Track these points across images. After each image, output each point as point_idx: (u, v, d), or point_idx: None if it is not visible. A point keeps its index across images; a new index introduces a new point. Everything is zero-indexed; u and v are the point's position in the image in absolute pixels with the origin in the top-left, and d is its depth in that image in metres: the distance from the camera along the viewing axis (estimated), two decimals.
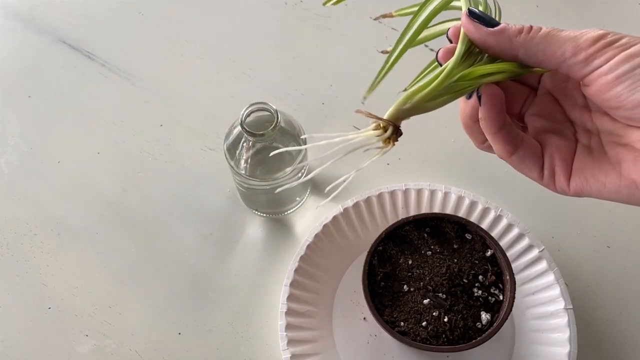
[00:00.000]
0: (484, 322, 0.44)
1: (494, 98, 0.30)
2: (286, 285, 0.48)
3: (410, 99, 0.30)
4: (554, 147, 0.31)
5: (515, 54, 0.29)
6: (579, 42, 0.27)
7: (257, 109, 0.46)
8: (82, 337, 0.50)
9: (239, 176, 0.48)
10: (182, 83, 0.62)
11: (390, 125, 0.31)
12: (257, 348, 0.49)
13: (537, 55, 0.28)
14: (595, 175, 0.29)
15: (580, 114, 0.31)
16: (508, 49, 0.29)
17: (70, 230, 0.54)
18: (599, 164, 0.30)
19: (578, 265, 0.52)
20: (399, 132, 0.32)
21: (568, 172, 0.31)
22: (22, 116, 0.60)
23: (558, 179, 0.31)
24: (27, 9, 0.67)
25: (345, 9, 0.66)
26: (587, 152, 0.31)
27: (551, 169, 0.31)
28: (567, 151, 0.31)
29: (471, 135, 0.34)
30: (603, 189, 0.29)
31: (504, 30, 0.29)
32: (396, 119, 0.31)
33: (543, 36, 0.28)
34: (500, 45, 0.29)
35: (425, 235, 0.47)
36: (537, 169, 0.31)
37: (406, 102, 0.31)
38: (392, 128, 0.31)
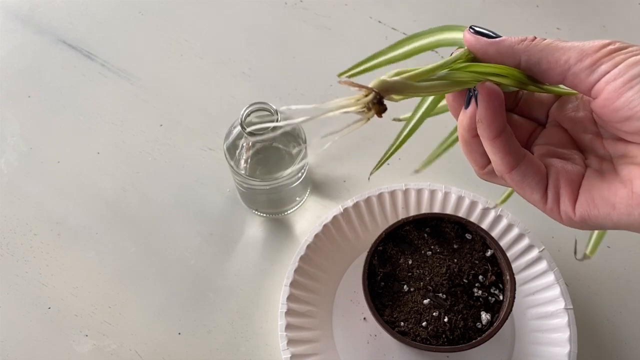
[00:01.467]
0: (484, 322, 0.44)
1: (492, 95, 0.28)
2: (286, 286, 0.48)
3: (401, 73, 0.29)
4: (560, 169, 0.29)
5: (517, 60, 0.28)
6: (584, 48, 0.26)
7: (257, 109, 0.46)
8: (81, 337, 0.50)
9: (239, 176, 0.48)
10: (182, 83, 0.62)
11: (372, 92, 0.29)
12: (257, 348, 0.49)
13: (540, 63, 0.27)
14: (604, 195, 0.27)
15: (592, 141, 0.29)
16: (510, 56, 0.28)
17: (70, 230, 0.54)
18: (608, 184, 0.27)
19: (578, 265, 0.52)
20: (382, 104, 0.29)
21: (574, 194, 0.28)
22: (21, 116, 0.60)
23: (563, 203, 0.29)
24: (27, 9, 0.67)
25: (345, 9, 0.66)
26: (596, 174, 0.28)
27: (556, 191, 0.29)
28: (574, 174, 0.29)
29: (470, 155, 0.31)
30: (612, 212, 0.27)
31: (505, 39, 0.28)
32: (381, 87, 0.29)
33: (547, 44, 0.27)
34: (501, 54, 0.28)
35: (426, 235, 0.47)
36: (541, 190, 0.29)
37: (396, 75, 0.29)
38: (374, 94, 0.29)
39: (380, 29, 0.64)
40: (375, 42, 0.64)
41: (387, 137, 0.58)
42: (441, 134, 0.58)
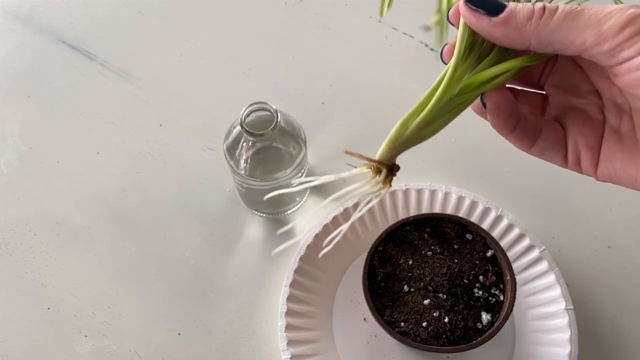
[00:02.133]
0: (485, 323, 0.43)
1: (501, 105, 0.27)
2: (286, 286, 0.48)
3: (402, 131, 0.27)
4: (578, 133, 0.27)
5: (526, 44, 0.25)
6: (602, 28, 0.22)
7: (257, 109, 0.46)
8: (81, 338, 0.50)
9: (239, 176, 0.48)
10: (182, 83, 0.62)
11: (383, 166, 0.27)
12: (257, 348, 0.49)
13: (552, 45, 0.24)
14: (626, 168, 0.26)
15: (609, 86, 0.27)
16: (518, 40, 0.25)
17: (69, 230, 0.54)
18: (629, 155, 0.26)
19: (579, 265, 0.52)
20: (395, 168, 0.28)
21: (595, 159, 0.27)
22: (21, 116, 0.60)
23: (584, 166, 0.28)
24: (27, 9, 0.67)
25: (345, 9, 0.66)
26: (616, 138, 0.27)
27: (576, 157, 0.28)
28: (593, 136, 0.27)
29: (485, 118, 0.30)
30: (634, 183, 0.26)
31: (510, 18, 0.24)
32: (389, 158, 0.28)
33: (559, 22, 0.23)
34: (508, 38, 0.25)
35: (426, 235, 0.47)
36: (561, 156, 0.28)
37: (399, 135, 0.27)
38: (386, 169, 0.28)
39: (380, 29, 0.64)
40: (375, 42, 0.64)
41: (386, 137, 0.58)
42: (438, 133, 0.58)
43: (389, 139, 0.27)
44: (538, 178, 0.56)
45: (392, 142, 0.27)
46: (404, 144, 0.27)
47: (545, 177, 0.56)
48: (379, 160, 0.27)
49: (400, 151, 0.28)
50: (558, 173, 0.56)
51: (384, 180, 0.28)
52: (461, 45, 0.26)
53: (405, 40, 0.64)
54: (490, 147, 0.57)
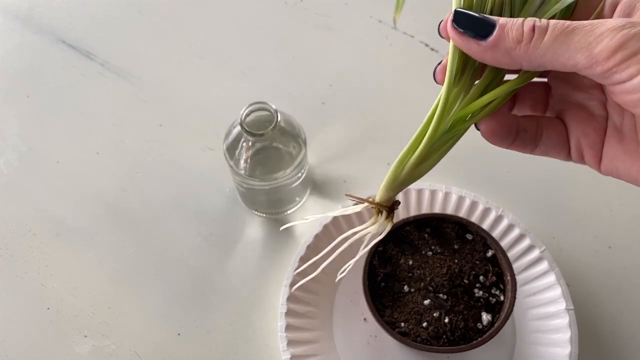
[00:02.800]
0: (485, 323, 0.43)
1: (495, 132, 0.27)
2: (286, 286, 0.48)
3: (399, 171, 0.28)
4: (580, 132, 0.27)
5: (517, 66, 0.25)
6: (593, 52, 0.22)
7: (257, 109, 0.46)
8: (81, 338, 0.50)
9: (239, 176, 0.48)
10: (182, 83, 0.62)
11: (383, 208, 0.29)
12: (257, 349, 0.49)
13: (544, 66, 0.24)
14: (628, 168, 0.26)
15: None
16: (508, 63, 0.24)
17: (69, 231, 0.54)
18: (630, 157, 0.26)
19: (579, 265, 0.52)
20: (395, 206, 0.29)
21: (598, 157, 0.27)
22: (21, 116, 0.60)
23: (588, 161, 0.28)
24: (27, 9, 0.67)
25: (345, 8, 0.66)
26: (618, 138, 0.27)
27: (579, 153, 0.28)
28: (595, 135, 0.27)
29: None
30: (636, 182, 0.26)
31: (498, 42, 0.24)
32: (388, 199, 0.29)
33: (549, 44, 0.23)
34: (498, 61, 0.25)
35: (426, 235, 0.47)
36: (564, 154, 0.28)
37: (396, 177, 0.28)
38: (386, 210, 0.29)
39: (380, 29, 0.64)
40: (375, 42, 0.64)
41: (386, 137, 0.58)
42: None
43: (387, 182, 0.28)
44: (538, 178, 0.56)
45: (390, 184, 0.28)
46: (401, 184, 0.28)
47: (546, 177, 0.56)
48: (379, 204, 0.29)
49: (398, 192, 0.29)
50: (559, 173, 0.56)
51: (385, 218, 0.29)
52: (452, 69, 0.26)
53: (405, 40, 0.63)
54: (490, 147, 0.57)
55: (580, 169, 0.56)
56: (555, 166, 0.57)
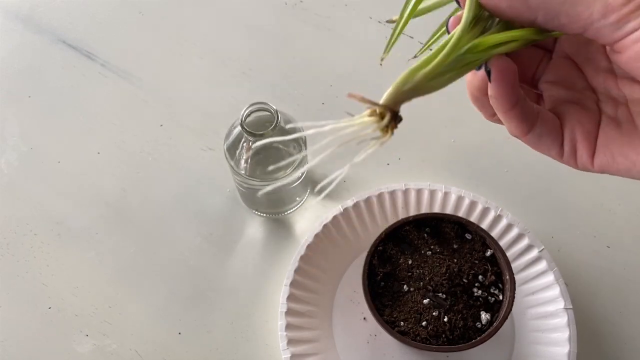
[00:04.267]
0: (484, 322, 0.44)
1: (505, 72, 0.26)
2: (286, 285, 0.48)
3: (410, 78, 0.26)
4: (575, 121, 0.27)
5: (532, 18, 0.24)
6: (608, 1, 0.22)
7: (257, 109, 0.46)
8: (82, 337, 0.50)
9: (239, 176, 0.48)
10: (182, 83, 0.62)
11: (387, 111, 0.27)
12: (257, 348, 0.49)
13: (559, 18, 0.24)
14: (624, 152, 0.26)
15: (604, 80, 0.27)
16: (524, 12, 0.24)
17: (70, 230, 0.54)
18: (628, 139, 0.26)
19: (578, 265, 0.52)
20: (398, 118, 0.27)
21: (592, 148, 0.27)
22: (21, 116, 0.60)
23: (580, 157, 0.27)
24: (27, 9, 0.67)
25: (345, 9, 0.66)
26: (613, 125, 0.27)
27: (572, 146, 0.27)
28: (589, 124, 0.27)
29: (480, 108, 0.30)
30: (633, 168, 0.26)
31: None
32: (394, 103, 0.27)
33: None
34: (514, 10, 0.24)
35: (425, 235, 0.47)
36: (557, 146, 0.28)
37: (406, 82, 0.27)
38: (390, 114, 0.27)
39: (380, 29, 0.64)
40: (375, 42, 0.64)
41: None
42: (438, 133, 0.58)
43: (396, 84, 0.27)
44: (537, 178, 0.56)
45: (399, 86, 0.27)
46: (411, 90, 0.27)
47: (545, 177, 0.56)
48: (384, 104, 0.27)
49: (406, 98, 0.27)
50: (558, 173, 0.56)
51: (386, 125, 0.27)
52: (469, 14, 0.26)
53: (405, 40, 0.64)
54: (490, 147, 0.58)
55: None
56: (554, 166, 0.57)
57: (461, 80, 0.28)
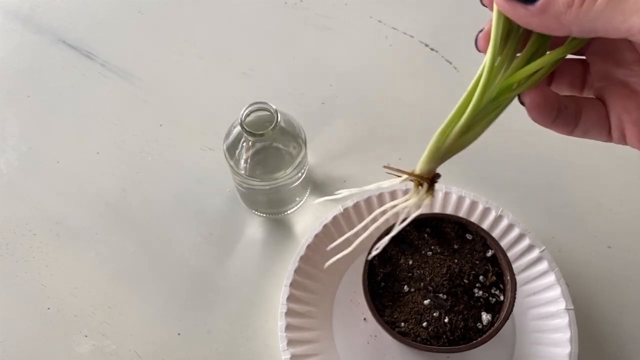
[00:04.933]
0: (485, 323, 0.43)
1: (540, 104, 0.26)
2: (286, 286, 0.48)
3: (442, 141, 0.26)
4: (622, 109, 0.26)
5: (566, 32, 0.23)
6: None
7: (257, 109, 0.46)
8: (81, 338, 0.50)
9: (239, 176, 0.48)
10: (182, 83, 0.62)
11: (424, 180, 0.27)
12: (257, 348, 0.49)
13: (595, 32, 0.23)
14: None
15: None
16: (557, 29, 0.23)
17: (69, 231, 0.54)
18: None
19: (579, 265, 0.52)
20: (436, 179, 0.27)
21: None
22: (21, 116, 0.60)
23: (629, 140, 0.27)
24: (27, 9, 0.67)
25: (345, 8, 0.66)
26: None
27: (620, 132, 0.27)
28: (637, 111, 0.26)
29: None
30: None
31: (547, 6, 0.23)
32: (429, 171, 0.27)
33: (602, 8, 0.22)
34: (546, 27, 0.24)
35: (426, 235, 0.47)
36: (604, 134, 0.27)
37: (439, 146, 0.26)
38: (428, 183, 0.27)
39: (380, 29, 0.64)
40: (375, 42, 0.64)
41: (386, 136, 0.58)
42: None
43: (429, 151, 0.27)
44: (538, 178, 0.56)
45: (432, 154, 0.27)
46: (444, 154, 0.27)
47: (546, 177, 0.56)
48: (420, 175, 0.27)
49: (440, 163, 0.27)
50: (559, 173, 0.56)
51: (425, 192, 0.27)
52: (497, 36, 0.25)
53: (405, 40, 0.64)
54: (490, 147, 0.57)
55: (580, 169, 0.56)
56: (555, 166, 0.57)
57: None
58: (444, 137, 0.26)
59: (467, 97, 0.26)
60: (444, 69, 0.61)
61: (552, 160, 0.57)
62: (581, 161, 0.57)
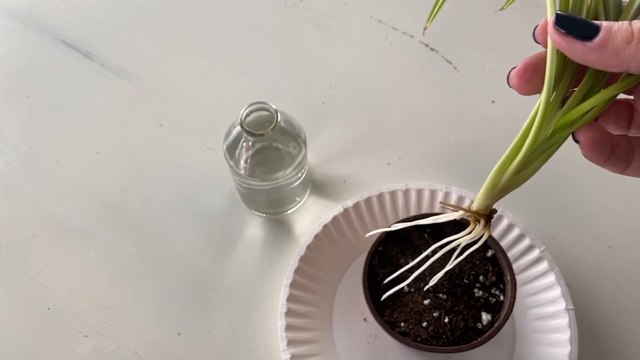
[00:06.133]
0: (485, 323, 0.43)
1: (595, 142, 0.26)
2: (286, 286, 0.48)
3: (498, 179, 0.26)
4: None
5: (625, 67, 0.23)
6: None
7: (257, 109, 0.46)
8: (81, 338, 0.50)
9: (239, 176, 0.48)
10: (182, 83, 0.62)
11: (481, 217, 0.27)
12: (257, 349, 0.49)
13: None
14: None
15: None
16: (615, 65, 0.23)
17: (69, 231, 0.54)
18: None
19: (579, 265, 0.52)
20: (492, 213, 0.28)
21: None
22: (20, 116, 0.60)
23: None
24: (26, 9, 0.67)
25: (345, 8, 0.66)
26: None
27: None
28: None
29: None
30: None
31: (606, 43, 0.23)
32: (486, 207, 0.27)
33: None
34: (604, 63, 0.23)
35: (426, 235, 0.47)
36: None
37: (495, 184, 0.27)
38: (485, 219, 0.27)
39: (380, 28, 0.64)
40: (375, 42, 0.64)
41: (386, 137, 0.58)
42: (438, 133, 0.58)
43: (485, 190, 0.27)
44: (538, 178, 0.56)
45: (489, 191, 0.27)
46: (500, 192, 0.27)
47: (546, 177, 0.56)
48: (477, 212, 0.28)
49: (497, 200, 0.27)
50: (559, 173, 0.56)
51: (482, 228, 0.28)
52: (551, 73, 0.25)
53: (405, 40, 0.63)
54: (490, 147, 0.57)
55: (580, 169, 0.56)
56: (554, 166, 0.57)
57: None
58: (500, 175, 0.27)
59: (523, 135, 0.26)
60: (444, 69, 0.61)
61: (552, 160, 0.57)
62: (581, 161, 0.56)
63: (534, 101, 0.27)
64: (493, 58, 0.61)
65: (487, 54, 0.61)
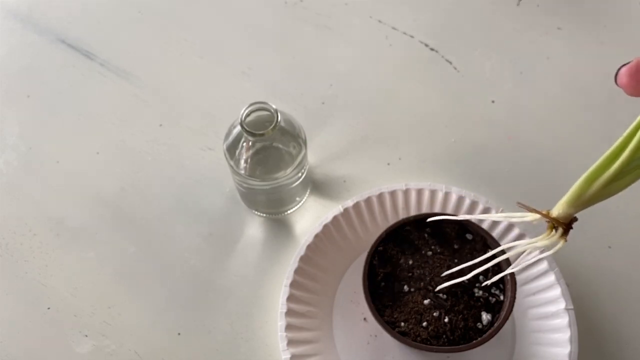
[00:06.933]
0: (485, 323, 0.43)
1: None
2: (286, 286, 0.48)
3: (587, 187, 0.25)
4: None
5: None
6: None
7: (257, 109, 0.46)
8: (81, 338, 0.50)
9: (239, 176, 0.48)
10: (182, 82, 0.62)
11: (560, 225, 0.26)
12: (257, 349, 0.49)
13: None
14: None
15: None
16: None
17: (69, 231, 0.54)
18: None
19: (579, 265, 0.52)
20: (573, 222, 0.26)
21: None
22: (20, 116, 0.60)
23: None
24: (26, 8, 0.67)
25: (345, 8, 0.66)
26: None
27: None
28: None
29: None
30: None
31: None
32: (567, 216, 0.26)
33: None
34: None
35: (426, 235, 0.47)
36: None
37: (582, 192, 0.25)
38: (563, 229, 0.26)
39: (380, 28, 0.64)
40: (375, 42, 0.64)
41: (386, 137, 0.58)
42: (438, 133, 0.58)
43: (571, 196, 0.25)
44: (538, 178, 0.56)
45: (574, 199, 0.25)
46: (586, 202, 0.25)
47: (546, 177, 0.56)
48: (557, 219, 0.26)
49: (580, 209, 0.26)
50: (559, 173, 0.56)
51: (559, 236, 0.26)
52: None
53: (405, 40, 0.64)
54: (490, 147, 0.57)
55: (580, 169, 0.56)
56: (555, 166, 0.57)
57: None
58: (589, 183, 0.25)
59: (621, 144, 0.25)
60: (444, 69, 0.61)
61: (552, 161, 0.57)
62: (581, 161, 0.57)
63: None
64: (493, 58, 0.61)
65: (487, 54, 0.61)
